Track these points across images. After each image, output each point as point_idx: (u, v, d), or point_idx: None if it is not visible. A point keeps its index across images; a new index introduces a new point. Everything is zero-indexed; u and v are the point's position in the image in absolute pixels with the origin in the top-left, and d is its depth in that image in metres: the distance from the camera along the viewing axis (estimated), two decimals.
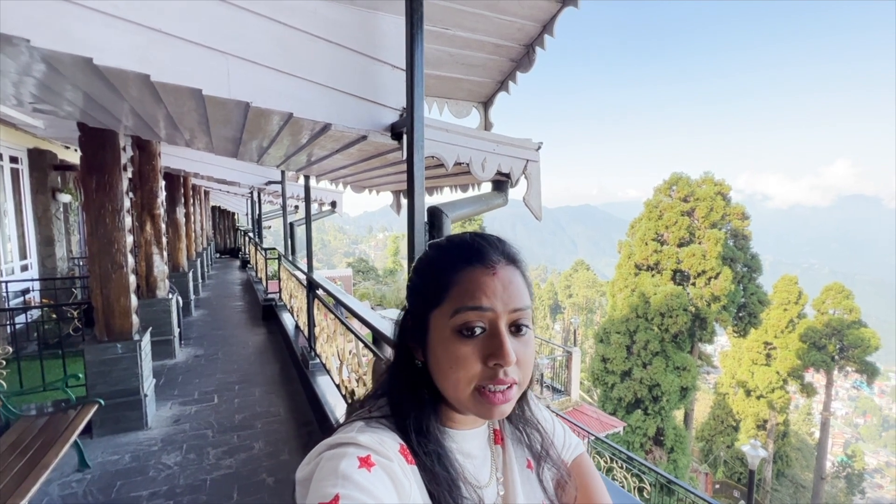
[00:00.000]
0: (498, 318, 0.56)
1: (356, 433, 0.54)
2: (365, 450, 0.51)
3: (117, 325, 3.47)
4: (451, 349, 0.56)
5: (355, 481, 0.46)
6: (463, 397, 0.56)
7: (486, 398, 0.55)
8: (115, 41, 1.41)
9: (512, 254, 0.61)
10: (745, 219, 20.34)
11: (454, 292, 0.57)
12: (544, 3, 1.97)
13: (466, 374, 0.55)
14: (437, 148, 1.94)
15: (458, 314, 0.56)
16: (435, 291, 0.59)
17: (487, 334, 0.56)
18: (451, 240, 0.63)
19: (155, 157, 5.05)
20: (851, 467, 26.46)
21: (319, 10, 1.76)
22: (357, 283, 28.58)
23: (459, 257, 0.59)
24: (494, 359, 0.55)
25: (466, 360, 0.55)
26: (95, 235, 3.40)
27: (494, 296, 0.56)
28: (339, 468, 0.48)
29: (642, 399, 18.73)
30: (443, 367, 0.57)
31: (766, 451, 9.53)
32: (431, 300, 0.59)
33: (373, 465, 0.49)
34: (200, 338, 6.30)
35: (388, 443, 0.54)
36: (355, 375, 2.85)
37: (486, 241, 0.61)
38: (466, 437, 0.65)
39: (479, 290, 0.56)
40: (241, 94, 1.64)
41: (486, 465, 0.66)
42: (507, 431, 0.72)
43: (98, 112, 2.70)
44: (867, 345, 18.91)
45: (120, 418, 3.47)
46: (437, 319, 0.58)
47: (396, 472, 0.51)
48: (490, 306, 0.56)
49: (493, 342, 0.55)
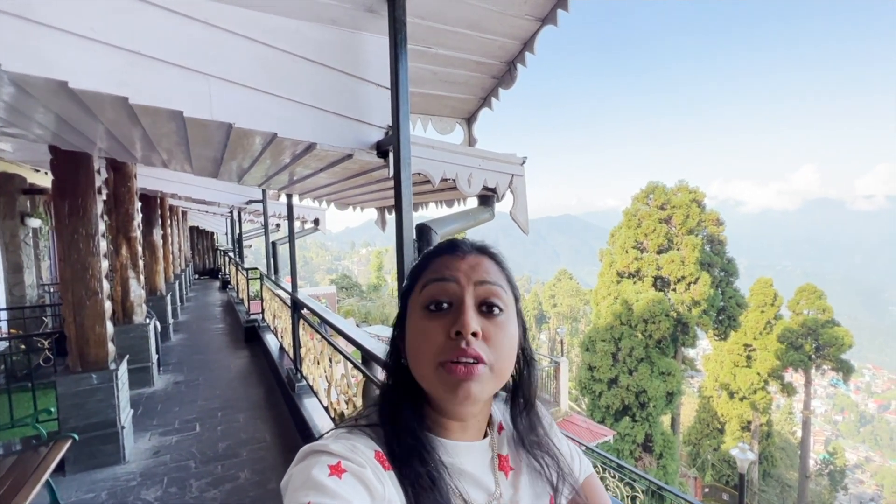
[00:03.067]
0: (462, 290, 0.58)
1: (330, 441, 0.55)
2: (335, 457, 0.51)
3: (92, 355, 3.32)
4: (419, 325, 0.59)
5: (326, 489, 0.47)
6: (428, 374, 0.57)
7: (448, 371, 0.55)
8: (92, 64, 1.37)
9: (484, 246, 0.65)
10: (719, 224, 20.93)
11: (424, 274, 0.62)
12: (525, 22, 2.01)
13: (430, 346, 0.56)
14: (423, 165, 1.94)
15: (424, 289, 0.60)
16: (410, 280, 0.64)
17: (454, 309, 0.58)
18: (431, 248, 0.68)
19: (130, 179, 4.93)
20: (833, 464, 26.97)
21: (302, 31, 1.76)
22: (341, 300, 28.20)
23: (435, 251, 0.65)
24: (455, 326, 0.56)
25: (431, 333, 0.57)
26: (68, 261, 3.27)
27: (458, 270, 0.60)
28: (310, 477, 0.49)
29: (630, 406, 18.83)
30: (412, 346, 0.59)
31: (755, 454, 9.66)
32: (408, 289, 0.64)
33: (343, 472, 0.50)
34: (180, 363, 6.09)
35: (361, 449, 0.54)
36: (344, 397, 2.78)
37: (462, 241, 0.66)
38: (458, 449, 0.62)
39: (443, 267, 0.61)
40: (224, 116, 1.61)
41: (482, 489, 0.62)
42: (524, 465, 0.69)
43: (71, 135, 2.62)
44: (841, 343, 19.50)
45: (95, 453, 3.30)
46: (412, 303, 0.62)
47: (369, 478, 0.51)
48: (452, 277, 0.59)
49: (455, 314, 0.57)
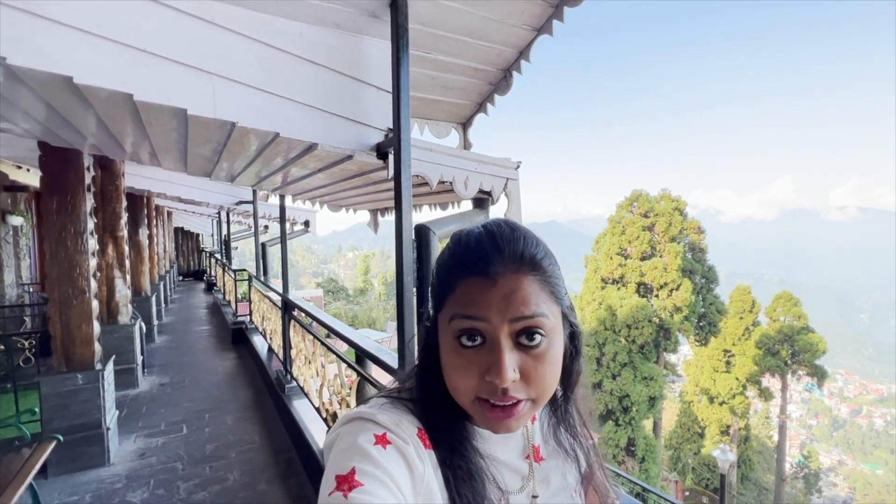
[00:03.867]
0: (496, 329, 0.51)
1: (376, 410, 0.55)
2: (382, 428, 0.51)
3: (78, 355, 3.26)
4: (450, 356, 0.53)
5: (371, 456, 0.47)
6: (465, 405, 0.54)
7: (486, 412, 0.52)
8: (98, 60, 1.39)
9: (522, 258, 0.53)
10: (701, 233, 21.44)
11: (451, 298, 0.53)
12: (521, 31, 2.07)
13: (465, 384, 0.52)
14: (421, 167, 1.98)
15: (453, 321, 0.53)
16: (440, 292, 0.55)
17: (487, 346, 0.51)
18: (463, 237, 0.57)
19: (118, 177, 4.86)
20: (808, 467, 27.61)
21: (305, 34, 1.79)
22: (328, 303, 27.94)
23: (462, 262, 0.54)
24: (490, 375, 0.50)
25: (463, 371, 0.52)
26: (55, 259, 3.21)
27: (489, 306, 0.51)
28: (357, 442, 0.49)
29: (613, 410, 19.06)
30: (446, 371, 0.55)
31: (734, 456, 9.87)
32: (438, 301, 0.56)
33: (388, 444, 0.50)
34: (165, 365, 5.98)
35: (406, 425, 0.54)
36: (337, 397, 2.79)
37: (496, 244, 0.53)
38: (494, 439, 0.61)
39: (471, 298, 0.52)
40: (227, 114, 1.64)
41: (517, 476, 0.62)
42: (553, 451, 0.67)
43: (64, 130, 2.60)
44: (816, 349, 20.07)
45: (79, 455, 3.23)
46: (442, 322, 0.55)
47: (411, 454, 0.51)
48: (483, 316, 0.51)
49: (490, 356, 0.51)
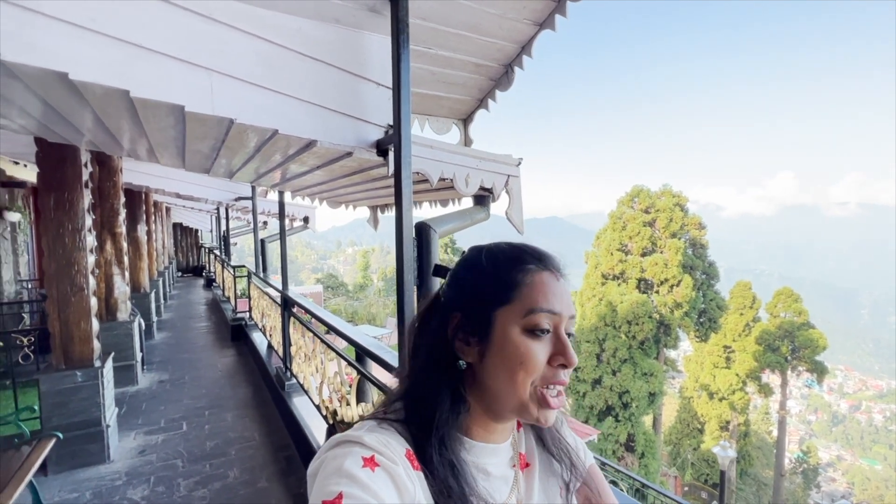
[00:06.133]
0: (561, 322, 0.59)
1: (364, 432, 0.54)
2: (369, 450, 0.51)
3: (77, 352, 3.25)
4: (521, 347, 0.57)
5: (358, 480, 0.47)
6: (523, 397, 0.57)
7: (544, 400, 0.57)
8: (93, 55, 1.36)
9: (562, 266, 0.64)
10: (701, 228, 21.40)
11: (526, 292, 0.58)
12: (523, 26, 2.04)
13: (533, 371, 0.56)
14: (421, 164, 1.96)
15: (531, 314, 0.57)
16: (503, 290, 0.59)
17: (552, 336, 0.58)
18: (511, 244, 0.65)
19: (116, 173, 4.83)
20: (807, 463, 27.74)
21: (304, 29, 1.76)
22: (328, 299, 27.95)
23: (530, 259, 0.61)
24: (560, 359, 0.57)
25: (535, 358, 0.56)
26: (53, 256, 3.19)
27: (563, 301, 0.59)
28: (343, 467, 0.48)
29: (613, 406, 19.11)
30: (509, 365, 0.57)
31: (734, 452, 9.90)
32: (497, 298, 0.59)
33: (377, 466, 0.49)
34: (165, 362, 5.98)
35: (394, 446, 0.54)
36: (337, 395, 2.78)
37: (542, 250, 0.64)
38: (486, 451, 0.63)
39: (552, 294, 0.58)
40: (225, 111, 1.61)
41: (504, 486, 0.64)
42: (537, 459, 0.71)
43: (60, 126, 2.57)
44: (816, 345, 20.12)
45: (78, 452, 3.23)
46: (504, 317, 0.58)
47: (400, 475, 0.50)
48: (560, 310, 0.58)
49: (558, 343, 0.58)
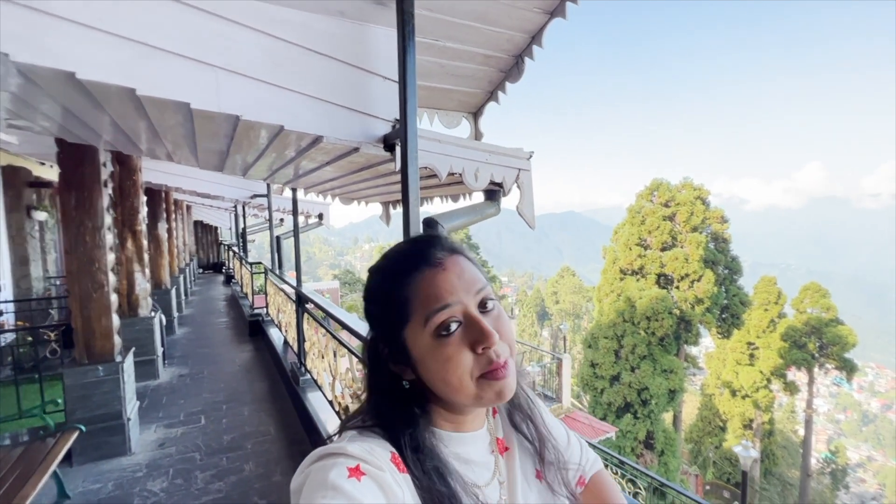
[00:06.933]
0: (466, 307, 0.56)
1: (346, 443, 0.53)
2: (354, 459, 0.50)
3: (98, 347, 3.34)
4: (438, 354, 0.55)
5: (345, 491, 0.46)
6: (470, 393, 0.56)
7: (490, 379, 0.55)
8: (99, 55, 1.37)
9: (450, 244, 0.61)
10: (724, 222, 20.82)
11: (416, 302, 0.56)
12: (533, 15, 1.99)
13: (463, 369, 0.55)
14: (430, 158, 1.93)
15: (430, 320, 0.55)
16: (398, 310, 0.57)
17: (464, 325, 0.56)
18: (387, 256, 0.62)
19: (136, 172, 4.94)
20: (835, 463, 26.92)
21: (310, 23, 1.75)
22: (344, 296, 28.28)
23: (404, 268, 0.58)
24: (480, 343, 0.55)
25: (457, 356, 0.55)
26: (75, 254, 3.28)
27: (453, 290, 0.56)
28: (329, 479, 0.47)
29: (632, 403, 18.83)
30: (439, 374, 0.56)
31: (757, 452, 9.65)
32: (398, 320, 0.58)
33: (362, 475, 0.49)
34: (185, 356, 6.12)
35: (379, 451, 0.53)
36: (349, 391, 2.79)
37: (422, 242, 0.61)
38: (465, 440, 0.63)
39: (440, 289, 0.56)
40: (231, 108, 1.61)
41: (486, 471, 0.64)
42: (515, 442, 0.71)
43: (77, 127, 2.62)
44: (845, 342, 19.39)
45: (101, 444, 3.33)
46: (413, 333, 0.57)
47: (388, 481, 0.50)
48: (456, 300, 0.56)
49: (472, 330, 0.56)
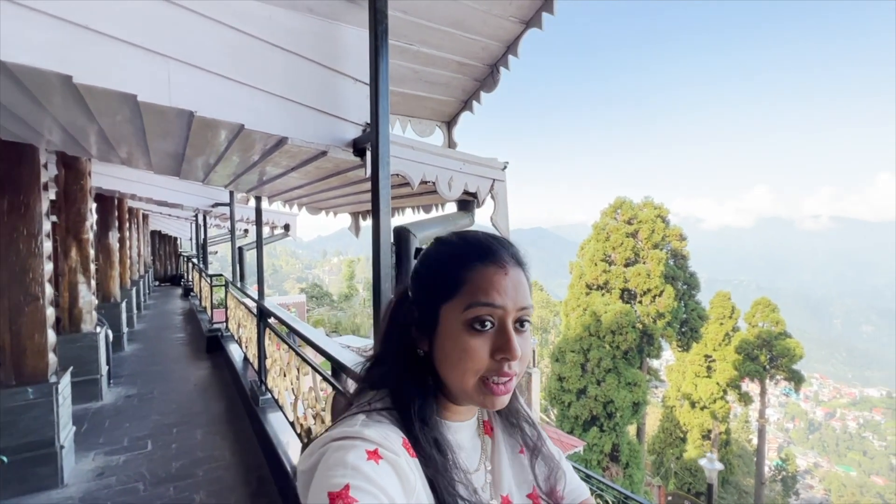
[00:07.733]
0: (507, 315, 0.58)
1: (361, 427, 0.54)
2: (372, 444, 0.51)
3: (29, 366, 3.00)
4: (461, 341, 0.58)
5: (364, 472, 0.47)
6: (468, 387, 0.58)
7: (489, 389, 0.58)
8: (29, 35, 1.21)
9: (520, 256, 0.64)
10: (682, 240, 21.72)
11: (467, 288, 0.58)
12: (509, 24, 1.96)
13: (475, 365, 0.57)
14: (402, 165, 1.84)
15: (470, 308, 0.57)
16: (447, 285, 0.60)
17: (496, 329, 0.58)
18: (462, 236, 0.65)
19: (84, 177, 4.58)
20: (786, 470, 28.08)
21: (275, 17, 1.64)
22: (311, 310, 27.48)
23: (473, 254, 0.61)
24: (502, 353, 0.57)
25: (476, 353, 0.57)
26: (5, 263, 2.95)
27: (506, 294, 0.58)
28: (348, 459, 0.48)
29: (598, 416, 19.07)
30: (451, 358, 0.59)
31: (721, 465, 9.90)
32: (442, 294, 0.60)
33: (380, 459, 0.50)
34: (133, 375, 5.67)
35: (392, 437, 0.54)
36: (312, 412, 2.61)
37: (498, 242, 0.63)
38: (460, 428, 0.67)
39: (492, 288, 0.58)
40: (184, 103, 1.47)
41: (475, 454, 0.68)
42: (498, 422, 0.75)
43: (12, 123, 2.38)
44: (793, 354, 20.47)
45: (27, 476, 2.96)
46: (449, 312, 0.59)
47: (403, 467, 0.51)
48: (502, 304, 0.58)
49: (501, 337, 0.58)
